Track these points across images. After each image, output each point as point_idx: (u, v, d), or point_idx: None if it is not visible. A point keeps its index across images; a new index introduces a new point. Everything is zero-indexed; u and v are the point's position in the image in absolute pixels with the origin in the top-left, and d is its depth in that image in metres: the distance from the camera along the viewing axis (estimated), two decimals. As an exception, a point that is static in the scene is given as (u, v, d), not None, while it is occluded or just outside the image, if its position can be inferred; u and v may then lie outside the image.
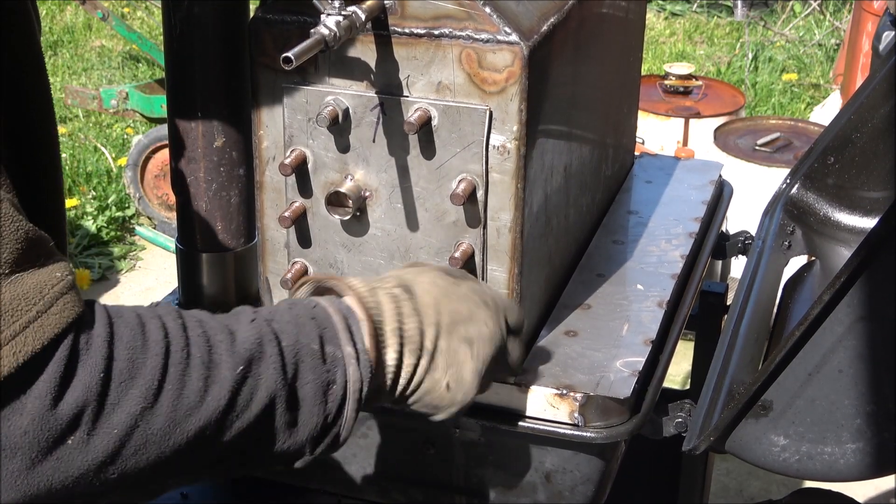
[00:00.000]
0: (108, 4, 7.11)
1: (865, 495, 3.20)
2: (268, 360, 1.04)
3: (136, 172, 4.61)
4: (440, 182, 1.30)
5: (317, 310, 1.11)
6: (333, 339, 1.09)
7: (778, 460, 1.30)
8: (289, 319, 1.08)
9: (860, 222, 1.79)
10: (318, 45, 1.17)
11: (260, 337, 1.05)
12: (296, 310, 1.11)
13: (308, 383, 1.07)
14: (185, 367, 0.98)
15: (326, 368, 1.08)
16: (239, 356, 1.02)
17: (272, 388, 1.03)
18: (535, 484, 1.39)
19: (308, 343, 1.07)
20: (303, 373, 1.06)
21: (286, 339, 1.06)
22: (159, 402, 0.96)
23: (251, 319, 1.07)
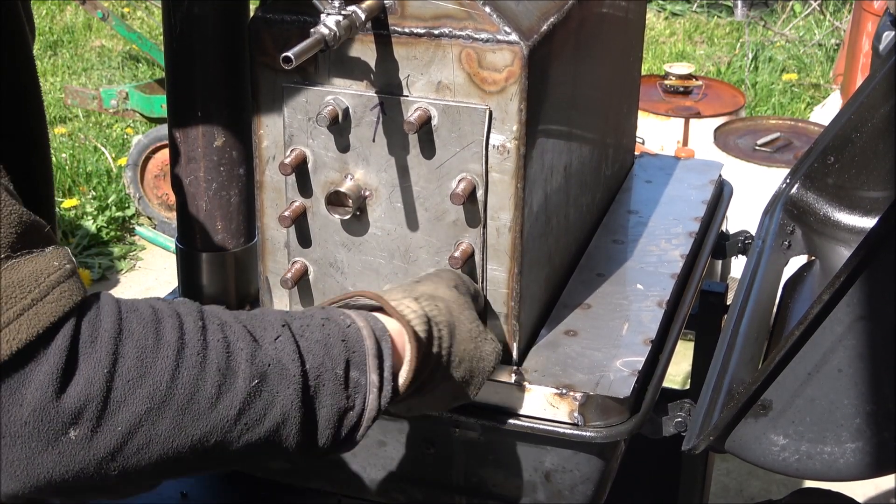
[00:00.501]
0: (108, 4, 7.11)
1: (865, 495, 3.20)
2: (289, 379, 1.02)
3: (136, 172, 4.61)
4: (440, 181, 1.30)
5: (350, 329, 1.10)
6: (360, 365, 1.08)
7: (777, 460, 1.30)
8: (319, 338, 1.07)
9: (860, 222, 1.79)
10: (317, 44, 1.17)
11: (283, 355, 1.03)
12: (328, 327, 1.09)
13: (325, 407, 1.06)
14: (200, 372, 0.96)
15: (347, 394, 1.07)
16: (257, 368, 1.00)
17: (287, 407, 1.02)
18: (534, 483, 1.39)
19: (333, 367, 1.06)
20: (322, 396, 1.05)
21: (311, 360, 1.05)
22: (167, 405, 0.94)
23: (277, 336, 1.04)
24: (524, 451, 1.37)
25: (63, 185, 4.98)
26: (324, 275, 1.40)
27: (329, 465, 1.48)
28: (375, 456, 1.44)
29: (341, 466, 1.47)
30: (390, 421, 1.40)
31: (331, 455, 1.11)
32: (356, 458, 1.46)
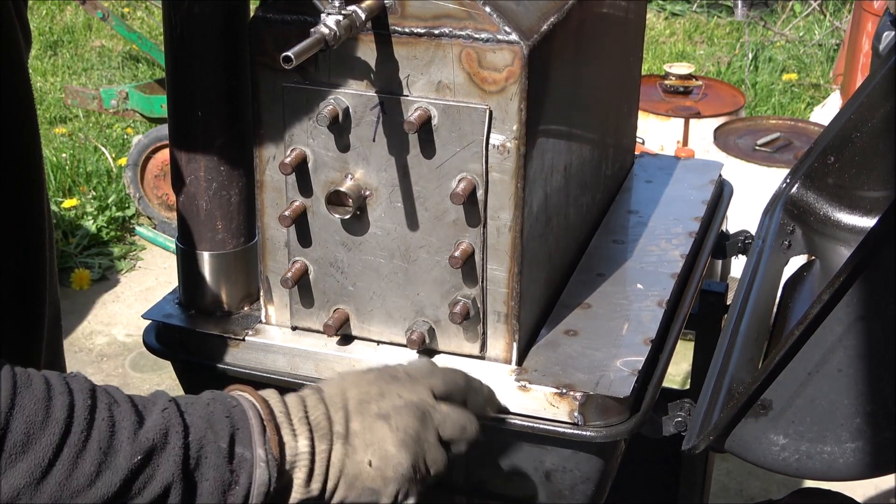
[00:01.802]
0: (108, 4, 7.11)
1: (865, 495, 3.20)
2: (169, 451, 1.04)
3: (136, 172, 4.61)
4: (440, 181, 1.30)
5: (236, 409, 1.11)
6: (245, 440, 1.09)
7: (777, 459, 1.30)
8: (202, 414, 1.09)
9: (860, 222, 1.79)
10: (318, 44, 1.17)
11: (167, 427, 1.05)
12: (213, 406, 1.11)
13: (208, 480, 1.07)
14: (81, 450, 1.00)
15: (231, 468, 1.08)
16: (140, 445, 1.03)
17: (168, 479, 1.04)
18: (534, 483, 1.39)
19: (216, 441, 1.08)
20: (204, 469, 1.07)
21: (194, 433, 1.07)
22: (46, 480, 0.98)
23: (163, 408, 1.07)
24: (524, 451, 1.37)
25: (63, 185, 4.98)
26: (324, 274, 1.40)
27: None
28: (375, 456, 1.44)
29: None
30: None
31: None
32: (356, 458, 1.46)
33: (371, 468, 1.16)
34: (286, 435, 1.13)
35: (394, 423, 1.18)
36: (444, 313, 1.36)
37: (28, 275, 1.27)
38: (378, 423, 1.17)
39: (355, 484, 1.16)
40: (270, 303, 1.45)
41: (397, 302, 1.38)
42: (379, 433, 1.17)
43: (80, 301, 4.30)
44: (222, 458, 1.07)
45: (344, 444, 1.16)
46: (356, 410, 1.18)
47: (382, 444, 1.17)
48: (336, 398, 1.18)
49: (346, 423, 1.16)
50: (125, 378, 3.82)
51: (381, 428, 1.17)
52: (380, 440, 1.17)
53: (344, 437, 1.16)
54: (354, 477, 1.16)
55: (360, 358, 1.39)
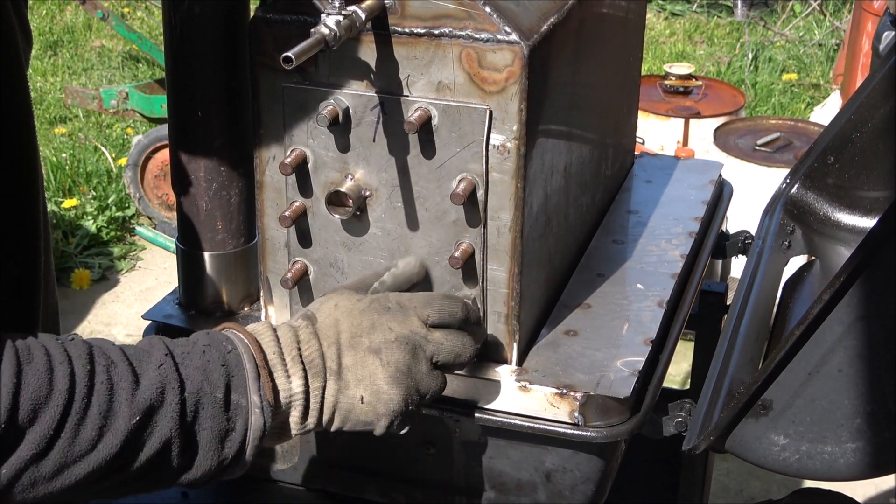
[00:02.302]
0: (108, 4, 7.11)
1: (865, 495, 3.20)
2: (166, 408, 1.08)
3: (136, 172, 4.61)
4: (440, 181, 1.30)
5: (230, 356, 1.14)
6: (240, 388, 1.13)
7: (778, 460, 1.30)
8: (198, 365, 1.11)
9: (860, 222, 1.79)
10: (318, 44, 1.17)
11: (163, 385, 1.08)
12: (209, 354, 1.13)
13: (205, 430, 1.10)
14: (83, 418, 1.03)
15: (227, 416, 1.12)
16: (138, 406, 1.06)
17: (166, 435, 1.07)
18: (535, 483, 1.39)
19: (212, 391, 1.11)
20: (201, 420, 1.10)
21: (190, 385, 1.10)
22: (52, 449, 1.02)
23: (160, 364, 1.09)
24: (524, 451, 1.37)
25: (63, 185, 4.98)
26: (324, 275, 1.40)
27: (329, 465, 1.48)
28: (375, 456, 1.44)
29: (341, 467, 1.47)
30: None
31: (222, 477, 1.14)
32: (356, 459, 1.46)
33: (363, 404, 1.20)
34: (279, 377, 1.16)
35: (384, 358, 1.20)
36: (445, 313, 1.36)
37: (25, 275, 1.27)
38: (369, 358, 1.20)
39: (349, 417, 1.21)
40: (270, 303, 1.45)
41: (397, 302, 1.38)
42: (370, 367, 1.20)
43: (80, 301, 4.30)
44: (218, 408, 1.11)
45: (337, 381, 1.19)
46: (348, 345, 1.20)
47: (374, 379, 1.20)
48: (329, 331, 1.21)
49: (338, 358, 1.20)
50: (125, 378, 3.82)
51: (372, 363, 1.20)
52: (371, 375, 1.20)
53: (337, 374, 1.19)
54: (348, 411, 1.20)
55: (360, 358, 1.39)
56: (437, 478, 1.43)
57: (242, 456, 1.14)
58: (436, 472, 1.43)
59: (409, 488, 1.46)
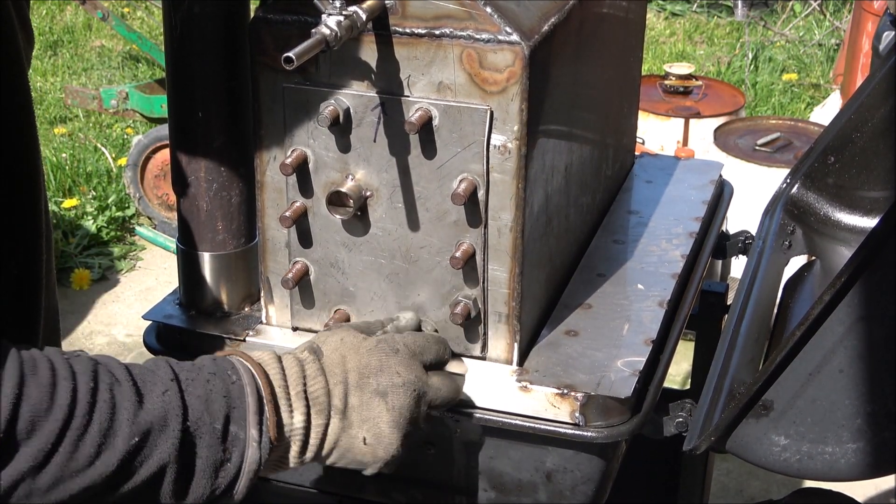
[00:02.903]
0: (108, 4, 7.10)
1: (865, 495, 3.20)
2: (167, 434, 1.08)
3: (136, 172, 4.61)
4: (441, 182, 1.30)
5: (234, 387, 1.14)
6: (240, 420, 1.13)
7: (778, 460, 1.30)
8: (200, 394, 1.12)
9: (860, 222, 1.79)
10: (318, 44, 1.17)
11: (166, 411, 1.08)
12: (213, 383, 1.13)
13: (201, 458, 1.11)
14: (83, 434, 1.03)
15: (224, 447, 1.12)
16: (139, 427, 1.06)
17: (164, 459, 1.08)
18: (535, 483, 1.39)
19: (211, 422, 1.11)
20: (199, 448, 1.11)
21: (192, 414, 1.10)
22: (49, 463, 1.01)
23: (164, 390, 1.10)
24: (525, 451, 1.37)
25: (63, 185, 4.98)
26: (325, 275, 1.40)
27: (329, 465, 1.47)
28: (376, 456, 1.44)
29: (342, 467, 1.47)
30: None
31: None
32: (357, 459, 1.46)
33: (364, 445, 1.21)
34: (283, 412, 1.16)
35: (390, 402, 1.21)
36: (445, 314, 1.36)
37: (26, 275, 1.27)
38: (375, 401, 1.21)
39: (346, 455, 1.22)
40: (271, 303, 1.45)
41: (398, 303, 1.38)
42: (375, 410, 1.21)
43: (80, 301, 4.30)
44: (216, 439, 1.11)
45: (341, 420, 1.20)
46: (355, 385, 1.21)
47: (377, 422, 1.21)
48: (336, 369, 1.21)
49: (344, 397, 1.20)
50: (125, 378, 3.82)
51: (377, 405, 1.21)
52: (375, 418, 1.21)
53: (342, 412, 1.20)
54: (347, 449, 1.21)
55: (360, 358, 1.39)
56: (438, 478, 1.43)
57: (235, 486, 1.14)
58: (436, 472, 1.43)
59: (410, 488, 1.46)
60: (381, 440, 1.21)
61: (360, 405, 1.20)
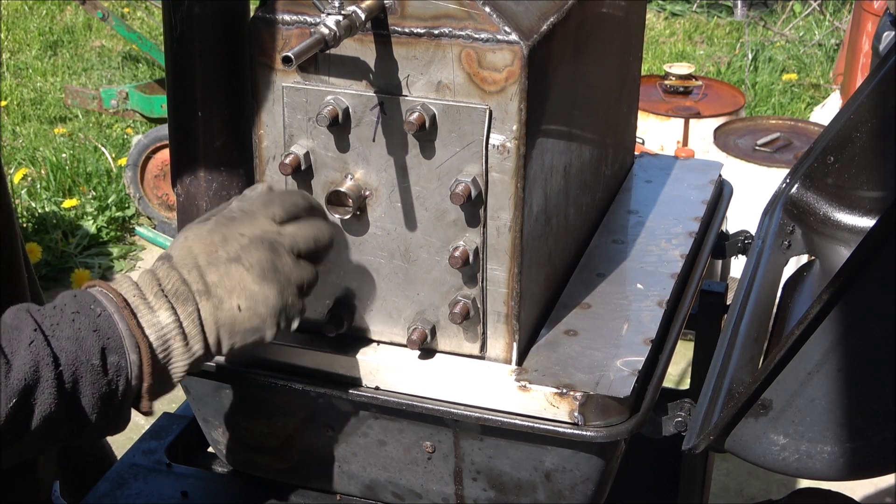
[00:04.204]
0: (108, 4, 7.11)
1: (865, 495, 3.20)
2: (43, 385, 1.07)
3: (136, 172, 4.62)
4: (440, 181, 1.30)
5: (101, 319, 1.14)
6: (117, 349, 1.13)
7: (778, 459, 1.30)
8: (70, 335, 1.11)
9: (860, 222, 1.79)
10: (317, 44, 1.17)
11: (36, 363, 1.08)
12: (79, 321, 1.13)
13: (86, 396, 1.11)
14: None
15: (108, 380, 1.12)
16: (13, 388, 1.06)
17: (47, 410, 1.08)
18: (535, 483, 1.39)
19: (88, 359, 1.11)
20: (82, 388, 1.11)
21: (65, 357, 1.10)
22: None
23: (29, 342, 1.09)
24: (524, 451, 1.37)
25: (63, 185, 4.98)
26: (324, 274, 1.40)
27: (329, 465, 1.48)
28: (375, 456, 1.44)
29: (341, 467, 1.47)
30: (390, 421, 1.40)
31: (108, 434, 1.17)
32: (356, 458, 1.46)
33: (242, 311, 1.21)
34: (145, 316, 1.16)
35: (246, 262, 1.21)
36: (444, 313, 1.36)
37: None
38: (232, 268, 1.21)
39: (234, 330, 1.21)
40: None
41: (397, 302, 1.38)
42: (236, 276, 1.21)
43: (80, 301, 4.29)
44: (97, 374, 1.11)
45: (209, 299, 1.20)
46: (207, 263, 1.21)
47: (244, 285, 1.21)
48: (186, 260, 1.21)
49: (202, 278, 1.20)
50: (125, 378, 3.82)
51: (236, 270, 1.21)
52: (240, 282, 1.21)
53: (206, 293, 1.20)
54: (231, 325, 1.21)
55: (360, 358, 1.39)
56: (437, 478, 1.43)
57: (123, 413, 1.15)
58: (435, 472, 1.43)
59: (408, 488, 1.46)
60: (254, 298, 1.21)
61: (219, 279, 1.20)
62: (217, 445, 1.54)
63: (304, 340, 1.42)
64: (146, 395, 1.16)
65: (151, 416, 1.20)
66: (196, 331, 1.19)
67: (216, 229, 1.24)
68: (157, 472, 1.57)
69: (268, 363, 1.43)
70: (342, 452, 1.46)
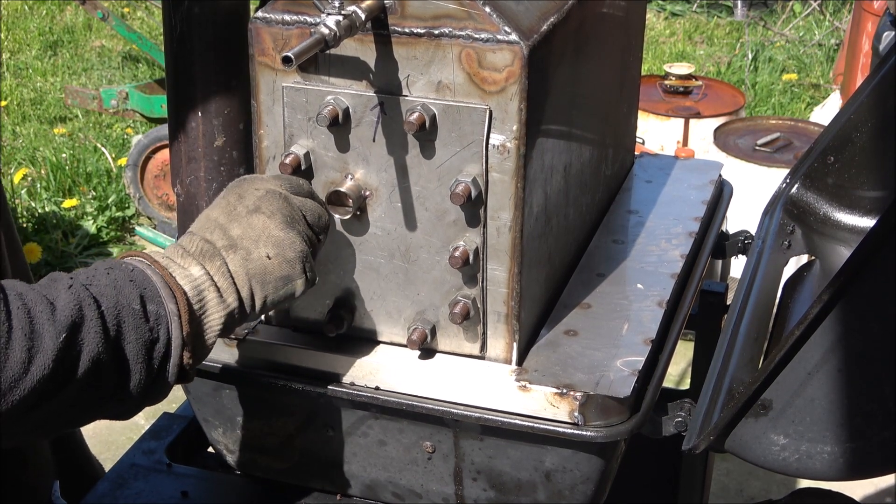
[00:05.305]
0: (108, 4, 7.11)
1: (865, 495, 3.20)
2: (89, 325, 1.07)
3: (136, 172, 4.61)
4: (440, 181, 1.30)
5: (135, 273, 1.15)
6: (155, 298, 1.14)
7: (777, 459, 1.30)
8: (107, 283, 1.12)
9: (860, 222, 1.79)
10: (317, 44, 1.17)
11: (79, 302, 1.07)
12: (114, 274, 1.13)
13: (130, 342, 1.11)
14: (8, 341, 1.02)
15: (150, 327, 1.12)
16: (60, 324, 1.05)
17: (94, 351, 1.07)
18: (535, 483, 1.39)
19: (129, 304, 1.11)
20: (126, 333, 1.10)
21: (106, 301, 1.10)
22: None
23: (69, 286, 1.09)
24: (524, 451, 1.37)
25: (63, 185, 4.98)
26: (324, 274, 1.40)
27: (329, 465, 1.48)
28: (375, 456, 1.44)
29: (341, 466, 1.47)
30: (390, 421, 1.40)
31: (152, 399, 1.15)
32: (356, 458, 1.46)
33: (271, 259, 1.22)
34: (177, 272, 1.17)
35: (267, 210, 1.23)
36: (444, 313, 1.36)
37: None
38: (254, 218, 1.23)
39: (266, 279, 1.22)
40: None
41: (397, 302, 1.38)
42: (259, 225, 1.22)
43: (80, 301, 4.29)
44: (139, 319, 1.11)
45: (235, 252, 1.21)
46: (228, 220, 1.22)
47: (268, 232, 1.22)
48: (206, 224, 1.23)
49: (225, 234, 1.21)
50: (125, 378, 3.82)
51: (257, 220, 1.23)
52: (263, 230, 1.22)
53: (231, 247, 1.21)
54: (262, 274, 1.22)
55: (360, 358, 1.39)
56: (437, 478, 1.43)
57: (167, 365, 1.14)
58: (435, 472, 1.43)
59: (408, 488, 1.46)
60: (281, 244, 1.22)
61: (243, 231, 1.22)
62: (217, 445, 1.54)
63: (304, 340, 1.42)
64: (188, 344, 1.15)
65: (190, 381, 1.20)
66: (228, 283, 1.20)
67: (230, 192, 1.26)
68: (157, 472, 1.57)
69: (268, 363, 1.43)
70: (342, 452, 1.46)
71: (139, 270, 1.15)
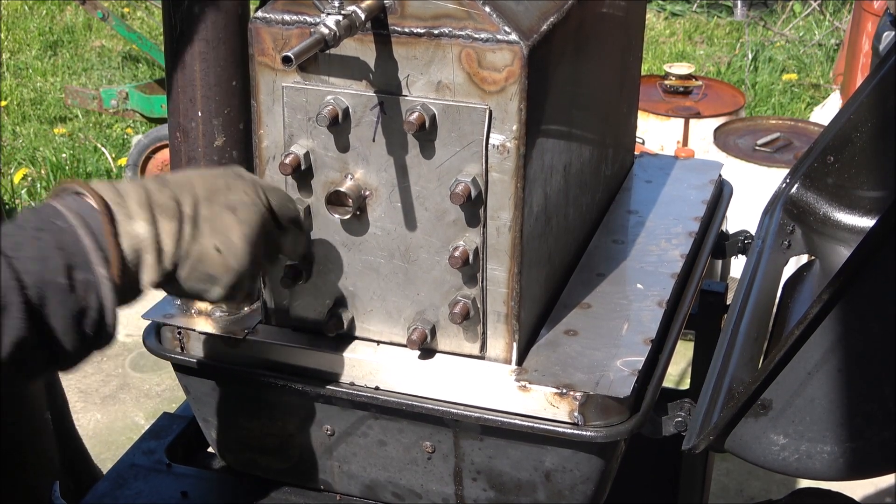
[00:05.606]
0: (108, 4, 7.11)
1: (865, 495, 3.21)
2: (10, 310, 1.04)
3: (136, 172, 4.62)
4: (440, 181, 1.30)
5: (65, 235, 1.11)
6: (84, 265, 1.10)
7: (777, 459, 1.30)
8: (32, 255, 1.08)
9: (860, 222, 1.79)
10: (317, 44, 1.17)
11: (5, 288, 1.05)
12: (43, 239, 1.10)
13: (57, 316, 1.08)
14: None
15: (77, 297, 1.09)
16: None
17: (17, 335, 1.05)
18: (534, 483, 1.39)
19: (54, 278, 1.08)
20: (51, 308, 1.08)
21: (29, 278, 1.07)
22: None
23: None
24: (524, 451, 1.37)
25: (63, 185, 4.98)
26: (324, 274, 1.40)
27: (329, 464, 1.48)
28: (375, 456, 1.44)
29: (341, 467, 1.47)
30: (390, 421, 1.40)
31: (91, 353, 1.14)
32: (356, 458, 1.46)
33: (216, 253, 1.20)
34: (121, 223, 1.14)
35: (240, 216, 1.22)
36: (444, 313, 1.36)
37: None
38: (226, 213, 1.21)
39: (198, 267, 1.20)
40: (270, 303, 1.45)
41: (397, 302, 1.38)
42: (226, 222, 1.21)
43: (80, 301, 4.29)
44: (65, 293, 1.09)
45: (193, 227, 1.19)
46: (205, 198, 1.21)
47: (228, 233, 1.21)
48: (183, 185, 1.20)
49: (195, 206, 1.19)
50: (125, 378, 3.82)
51: (228, 218, 1.21)
52: (226, 229, 1.20)
53: (193, 220, 1.19)
54: (198, 259, 1.20)
55: (360, 358, 1.39)
56: (437, 478, 1.43)
57: (105, 327, 1.12)
58: (435, 472, 1.43)
59: (408, 488, 1.46)
60: (231, 249, 1.21)
61: (211, 216, 1.20)
62: (217, 445, 1.54)
63: (304, 340, 1.42)
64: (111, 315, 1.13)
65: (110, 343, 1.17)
66: (171, 248, 1.17)
67: (223, 177, 1.24)
68: (157, 472, 1.57)
69: (268, 363, 1.43)
70: (342, 452, 1.46)
71: (70, 231, 1.11)
